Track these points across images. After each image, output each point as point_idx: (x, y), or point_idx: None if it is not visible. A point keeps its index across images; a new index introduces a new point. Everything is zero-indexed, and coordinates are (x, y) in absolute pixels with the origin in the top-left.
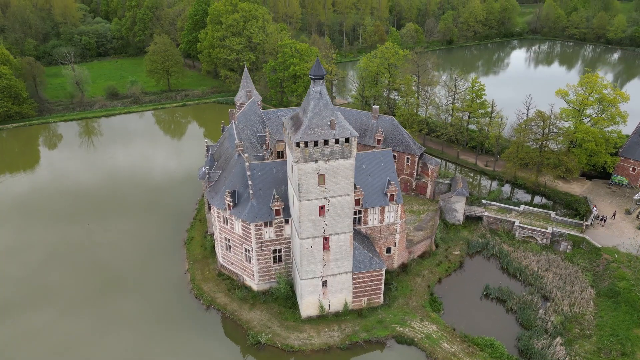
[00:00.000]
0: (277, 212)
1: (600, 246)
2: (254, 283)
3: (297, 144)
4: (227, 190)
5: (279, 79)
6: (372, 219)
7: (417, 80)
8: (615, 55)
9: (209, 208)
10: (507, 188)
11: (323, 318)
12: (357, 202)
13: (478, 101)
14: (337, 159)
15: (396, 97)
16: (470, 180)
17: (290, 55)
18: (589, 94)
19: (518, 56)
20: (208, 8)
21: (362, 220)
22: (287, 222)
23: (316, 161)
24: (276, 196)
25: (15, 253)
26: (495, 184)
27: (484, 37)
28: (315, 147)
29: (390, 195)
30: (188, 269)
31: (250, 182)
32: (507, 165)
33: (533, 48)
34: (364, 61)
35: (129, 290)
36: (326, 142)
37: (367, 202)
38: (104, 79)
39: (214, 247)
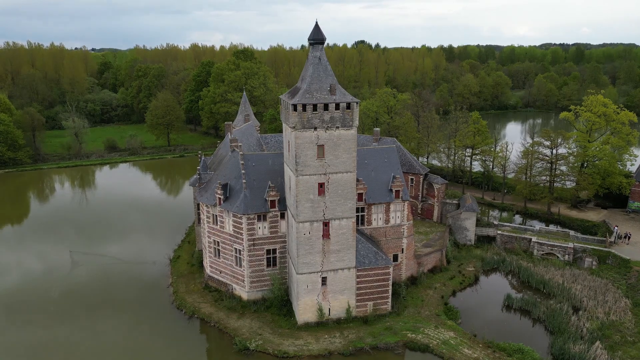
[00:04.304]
0: (272, 204)
1: (629, 258)
2: (245, 291)
3: (295, 108)
4: (219, 182)
5: (278, 128)
6: (377, 219)
7: (416, 122)
8: None
9: (199, 220)
10: (518, 219)
11: (322, 325)
12: (360, 196)
13: (480, 137)
14: (338, 127)
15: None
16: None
17: None
18: (596, 114)
19: (513, 128)
20: (211, 69)
21: (366, 220)
22: (282, 216)
23: (315, 128)
24: (271, 185)
25: None
26: (505, 215)
27: (479, 108)
28: (314, 112)
29: (396, 191)
30: (171, 282)
31: (243, 172)
32: (517, 188)
33: (528, 121)
34: (363, 104)
35: (107, 305)
36: (326, 107)
37: (371, 197)
38: (104, 139)
39: (201, 262)
